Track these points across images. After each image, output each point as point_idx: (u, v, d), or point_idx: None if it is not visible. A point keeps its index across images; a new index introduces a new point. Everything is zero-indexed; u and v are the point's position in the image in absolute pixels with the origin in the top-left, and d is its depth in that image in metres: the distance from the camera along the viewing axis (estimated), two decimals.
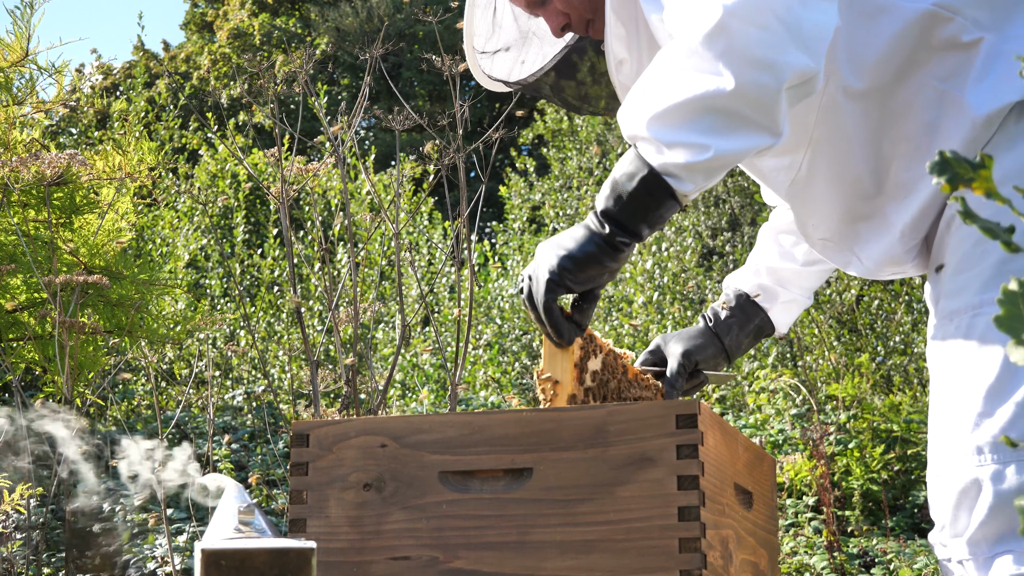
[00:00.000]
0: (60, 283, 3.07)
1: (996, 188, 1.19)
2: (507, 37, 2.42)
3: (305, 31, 19.12)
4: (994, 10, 2.00)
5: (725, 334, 2.47)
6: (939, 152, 1.16)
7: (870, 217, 2.17)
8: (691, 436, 1.83)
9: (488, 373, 9.18)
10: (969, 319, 1.95)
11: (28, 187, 3.51)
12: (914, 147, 2.07)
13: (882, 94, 2.08)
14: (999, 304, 1.16)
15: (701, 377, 2.47)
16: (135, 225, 8.95)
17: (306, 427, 2.01)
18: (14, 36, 3.67)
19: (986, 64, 2.00)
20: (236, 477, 6.45)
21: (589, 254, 1.98)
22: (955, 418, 1.93)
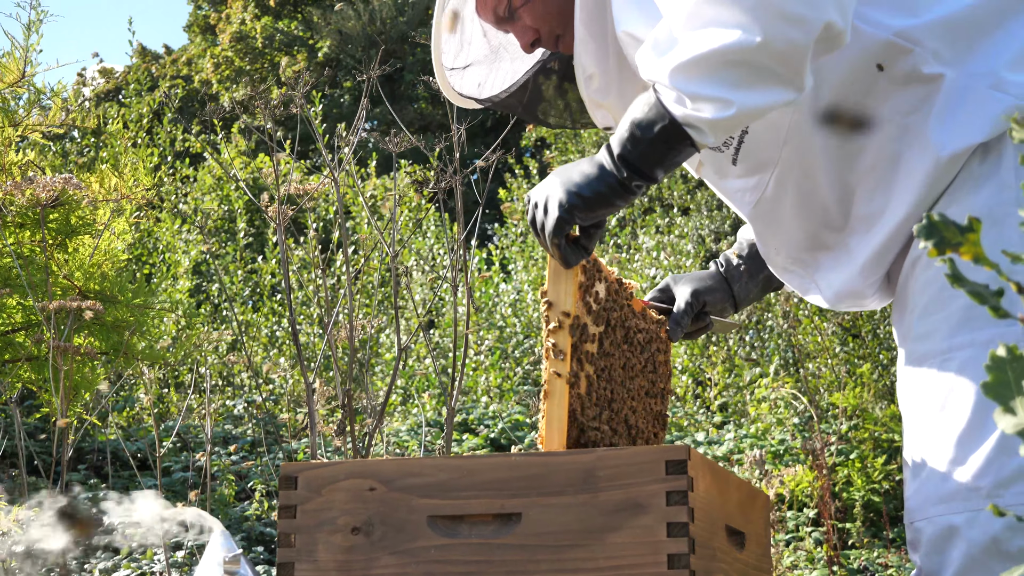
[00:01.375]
0: (54, 308, 3.07)
1: (983, 252, 1.19)
2: (476, 53, 2.41)
3: (307, 34, 19.12)
4: (954, 42, 1.99)
5: (735, 281, 2.46)
6: (926, 215, 1.15)
7: (833, 247, 2.17)
8: (680, 482, 1.82)
9: (489, 380, 9.17)
10: (939, 364, 1.94)
11: (23, 210, 3.50)
12: (876, 179, 2.07)
13: None
14: (987, 370, 1.15)
15: (707, 320, 2.46)
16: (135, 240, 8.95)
17: (295, 469, 2.00)
18: (11, 58, 3.66)
19: (948, 101, 1.98)
20: (236, 487, 6.45)
21: (600, 194, 1.99)
22: (928, 465, 1.93)
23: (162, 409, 8.07)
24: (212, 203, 11.29)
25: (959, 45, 1.99)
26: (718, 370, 8.22)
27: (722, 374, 8.19)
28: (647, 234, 9.93)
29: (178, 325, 6.37)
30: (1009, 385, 1.21)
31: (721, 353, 8.41)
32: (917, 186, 2.00)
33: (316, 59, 18.25)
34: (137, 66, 19.49)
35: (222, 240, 10.89)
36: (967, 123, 1.96)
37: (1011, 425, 1.19)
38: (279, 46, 18.96)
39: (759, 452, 6.06)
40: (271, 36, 19.01)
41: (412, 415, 8.48)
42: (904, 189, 2.03)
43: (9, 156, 3.53)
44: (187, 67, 20.01)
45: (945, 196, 2.00)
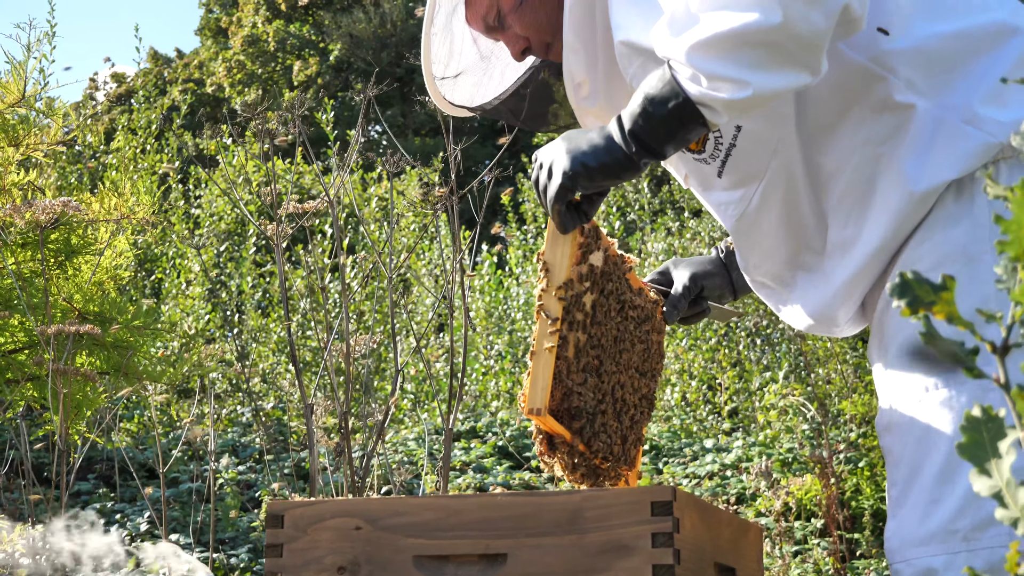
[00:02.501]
0: (52, 333, 3.07)
1: (956, 312, 1.18)
2: (466, 61, 2.41)
3: (319, 37, 19.14)
4: (930, 73, 1.97)
5: (734, 268, 2.45)
6: (900, 274, 1.15)
7: (811, 269, 2.17)
8: (666, 524, 1.81)
9: (499, 384, 9.16)
10: (916, 402, 1.93)
11: (24, 230, 3.51)
12: (850, 206, 2.07)
13: (821, 145, 2.07)
14: (962, 431, 1.14)
15: (704, 306, 2.46)
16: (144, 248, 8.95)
17: (281, 508, 1.99)
18: (11, 78, 3.67)
19: (921, 132, 1.97)
20: (244, 497, 6.45)
21: (606, 165, 1.98)
22: (907, 504, 1.92)
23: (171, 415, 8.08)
24: (225, 206, 11.31)
25: (934, 76, 1.98)
26: (728, 375, 8.20)
27: (732, 378, 8.17)
28: (656, 239, 9.91)
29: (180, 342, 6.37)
30: (984, 446, 1.20)
31: (732, 357, 8.40)
32: (890, 218, 2.00)
33: (327, 62, 18.27)
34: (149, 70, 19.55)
35: (234, 243, 10.90)
36: (940, 159, 1.95)
37: (986, 487, 1.18)
38: (291, 49, 18.98)
39: (766, 463, 6.04)
40: (283, 40, 19.03)
41: (423, 420, 8.47)
42: (877, 219, 2.03)
43: (10, 177, 3.54)
44: (199, 71, 20.04)
45: (920, 231, 1.99)
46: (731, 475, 6.58)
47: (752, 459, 6.64)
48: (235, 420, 8.10)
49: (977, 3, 2.03)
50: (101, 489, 6.48)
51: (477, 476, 6.62)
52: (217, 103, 19.48)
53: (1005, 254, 1.20)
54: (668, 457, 7.09)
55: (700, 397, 8.15)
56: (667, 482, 6.55)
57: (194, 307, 9.25)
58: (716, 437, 7.43)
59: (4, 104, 3.64)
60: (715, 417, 8.02)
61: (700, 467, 6.70)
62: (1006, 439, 1.18)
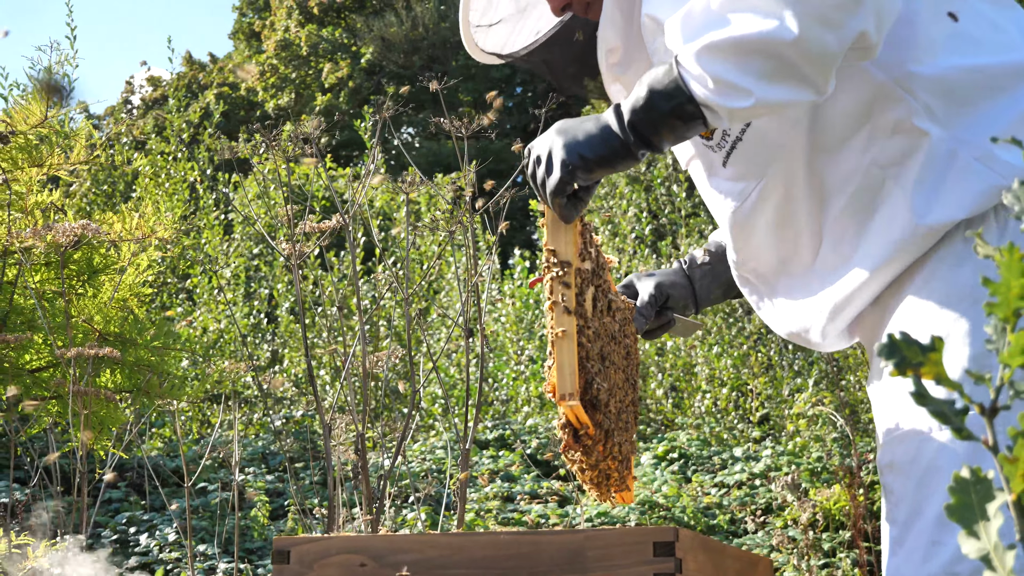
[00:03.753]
0: (72, 356, 3.10)
1: (945, 373, 1.17)
2: (503, 11, 2.40)
3: (351, 40, 19.20)
4: (949, 104, 1.95)
5: (697, 279, 2.45)
6: (888, 335, 1.14)
7: (797, 278, 2.14)
8: (668, 564, 1.80)
9: (529, 390, 9.16)
10: (919, 443, 1.91)
11: (47, 251, 3.54)
12: (844, 227, 2.04)
13: (828, 157, 2.05)
14: (950, 492, 1.13)
15: (669, 316, 2.44)
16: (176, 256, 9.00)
17: (288, 543, 2.00)
18: (34, 101, 3.70)
19: (932, 163, 1.94)
20: (272, 506, 6.48)
21: (603, 157, 1.98)
22: (907, 543, 1.91)
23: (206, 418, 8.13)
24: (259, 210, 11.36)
25: (953, 107, 1.95)
26: (759, 380, 8.17)
27: (763, 384, 8.14)
28: (688, 243, 9.88)
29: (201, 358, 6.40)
30: (972, 508, 1.19)
31: (763, 362, 8.37)
32: (887, 246, 1.97)
33: (359, 65, 18.32)
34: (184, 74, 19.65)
35: (268, 247, 10.94)
36: (950, 195, 1.92)
37: (975, 550, 1.18)
38: (323, 53, 19.04)
39: (794, 474, 6.02)
40: (315, 43, 19.11)
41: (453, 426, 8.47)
42: (873, 244, 2.00)
43: (32, 198, 3.57)
44: (232, 75, 20.14)
45: (928, 265, 1.96)
46: (760, 484, 6.56)
47: (781, 468, 6.61)
48: (266, 426, 8.14)
49: (1006, 41, 2.00)
50: (132, 497, 6.53)
51: (504, 485, 6.62)
52: (251, 107, 19.57)
53: (994, 315, 1.20)
54: (697, 466, 7.07)
55: (730, 404, 8.12)
56: (695, 491, 6.53)
57: (226, 312, 9.31)
58: (746, 445, 7.40)
59: (27, 126, 3.67)
60: (745, 424, 7.99)
61: (729, 476, 6.67)
62: (994, 501, 1.17)
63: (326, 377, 8.84)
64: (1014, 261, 1.14)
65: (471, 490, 6.53)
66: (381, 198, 11.73)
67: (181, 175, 9.13)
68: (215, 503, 6.20)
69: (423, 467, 6.86)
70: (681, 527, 1.98)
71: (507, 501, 6.51)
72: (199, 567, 5.46)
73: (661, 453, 7.16)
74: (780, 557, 5.64)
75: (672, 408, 8.37)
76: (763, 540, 5.82)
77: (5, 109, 3.70)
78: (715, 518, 6.20)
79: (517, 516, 6.13)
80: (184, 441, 7.33)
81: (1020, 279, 1.16)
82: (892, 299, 2.04)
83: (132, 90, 18.98)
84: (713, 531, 6.10)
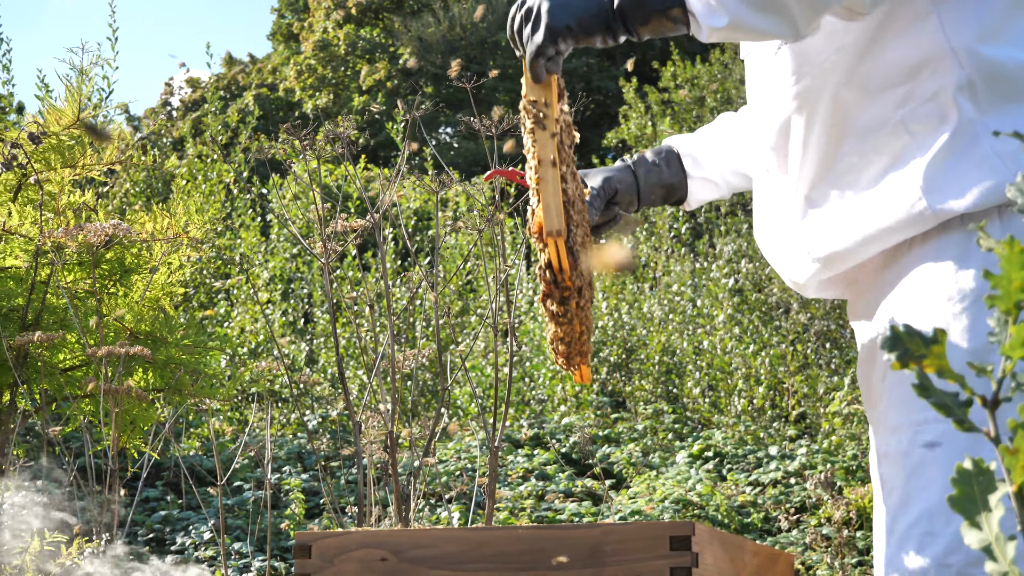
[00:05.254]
0: (103, 355, 3.13)
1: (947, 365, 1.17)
2: None
3: (388, 41, 19.26)
4: (993, 90, 1.90)
5: (642, 174, 2.43)
6: (890, 326, 1.14)
7: (788, 210, 2.12)
8: (684, 558, 1.81)
9: (565, 389, 9.17)
10: (911, 435, 1.90)
11: (78, 251, 3.58)
12: (853, 173, 2.02)
13: (860, 97, 2.02)
14: (953, 484, 1.14)
15: (615, 211, 2.41)
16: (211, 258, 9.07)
17: (309, 538, 2.02)
18: (67, 102, 3.75)
19: (954, 144, 1.92)
20: (307, 505, 6.51)
21: (588, 29, 1.96)
22: (899, 532, 1.90)
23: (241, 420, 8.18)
24: (296, 211, 11.43)
25: (995, 95, 1.92)
26: (796, 379, 8.15)
27: (799, 382, 8.12)
28: (724, 243, 9.86)
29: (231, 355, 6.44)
30: (975, 500, 1.19)
31: (799, 359, 8.34)
32: (887, 213, 1.96)
33: (397, 66, 18.38)
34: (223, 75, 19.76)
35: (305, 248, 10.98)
36: (961, 182, 1.88)
37: (977, 540, 1.18)
38: (361, 53, 19.10)
39: (828, 471, 6.00)
40: (353, 44, 19.17)
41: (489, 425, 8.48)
42: (873, 207, 1.98)
43: (64, 199, 3.61)
44: (271, 75, 20.24)
45: (928, 256, 1.92)
46: (795, 483, 6.54)
47: (816, 467, 6.59)
48: (302, 424, 8.18)
49: None
50: (169, 496, 6.58)
51: (539, 484, 6.63)
52: (289, 107, 19.68)
53: (995, 308, 1.20)
54: (732, 464, 7.05)
55: (767, 402, 8.10)
56: (730, 489, 6.52)
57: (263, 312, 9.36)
58: (782, 444, 7.39)
59: (60, 127, 3.71)
60: (781, 422, 7.97)
61: (764, 474, 6.66)
62: (996, 493, 1.18)
63: (363, 377, 8.88)
64: (1015, 254, 1.14)
65: (506, 488, 6.54)
66: (418, 199, 11.78)
67: (217, 176, 9.20)
68: (251, 502, 6.24)
69: (458, 466, 6.88)
70: (706, 523, 1.98)
71: (541, 500, 6.52)
72: (233, 564, 5.50)
73: (696, 452, 7.15)
74: (814, 555, 5.63)
75: (709, 407, 8.35)
76: (797, 538, 5.80)
77: (39, 110, 3.76)
78: (749, 516, 6.19)
79: (551, 515, 6.14)
80: (221, 440, 7.38)
81: (1021, 272, 1.16)
82: (888, 273, 2.01)
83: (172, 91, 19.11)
84: (747, 529, 6.08)
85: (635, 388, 8.84)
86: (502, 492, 6.42)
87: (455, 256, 10.11)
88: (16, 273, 3.69)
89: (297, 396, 6.94)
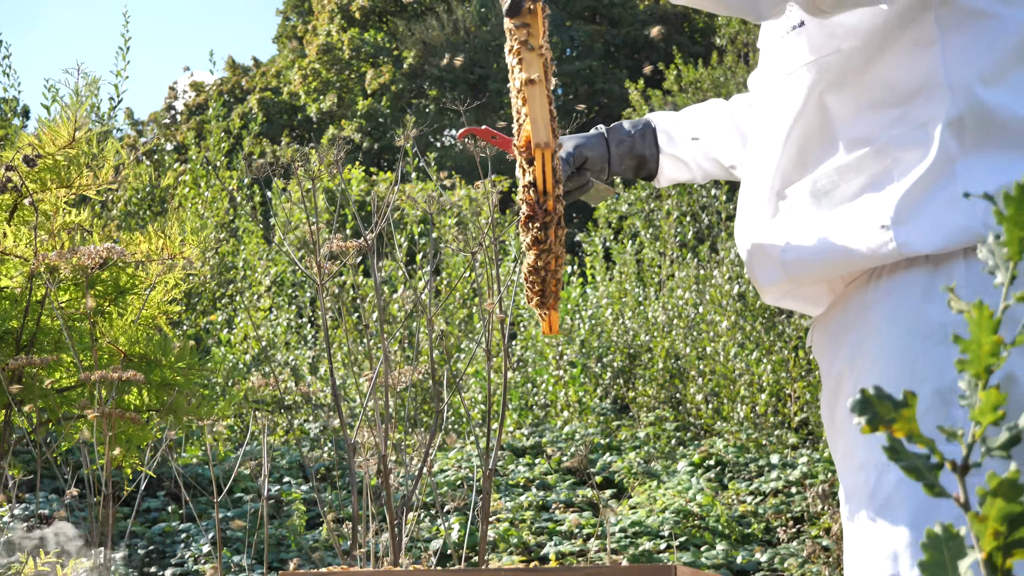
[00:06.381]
0: (96, 379, 3.14)
1: (917, 429, 1.17)
2: None
3: (392, 44, 19.27)
4: (982, 132, 1.86)
5: (615, 143, 2.40)
6: (861, 389, 1.14)
7: (759, 207, 2.10)
8: None
9: (568, 395, 9.17)
10: (877, 476, 1.89)
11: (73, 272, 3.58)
12: (829, 183, 1.99)
13: (851, 107, 1.99)
14: (923, 549, 1.14)
15: (587, 177, 2.37)
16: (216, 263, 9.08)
17: None
18: (62, 123, 3.75)
19: (929, 179, 1.89)
20: (309, 514, 6.52)
21: None
22: (868, 563, 1.89)
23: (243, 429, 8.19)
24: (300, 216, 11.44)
25: (981, 137, 1.87)
26: (798, 385, 8.14)
27: (802, 389, 8.12)
28: (727, 249, 9.85)
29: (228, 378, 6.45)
30: (945, 566, 1.19)
31: (802, 366, 8.34)
32: (853, 236, 1.93)
33: (401, 69, 18.39)
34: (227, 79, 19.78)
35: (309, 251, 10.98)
36: (930, 221, 1.87)
37: None
38: (365, 57, 19.11)
39: (826, 484, 5.99)
40: (357, 47, 19.18)
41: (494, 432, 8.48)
42: (842, 226, 1.96)
43: (58, 220, 3.62)
44: (275, 79, 20.25)
45: (894, 294, 1.91)
46: (796, 492, 6.54)
47: (817, 475, 6.59)
48: (304, 433, 8.19)
49: None
50: (170, 506, 6.59)
51: (539, 494, 6.63)
52: (293, 111, 19.69)
53: (965, 372, 1.19)
54: (733, 473, 7.05)
55: (769, 409, 8.10)
56: (731, 499, 6.52)
57: (266, 319, 9.38)
58: (784, 452, 7.38)
59: (55, 147, 3.72)
60: (784, 430, 7.97)
61: (765, 483, 6.66)
62: (966, 559, 1.17)
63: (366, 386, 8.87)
64: (984, 319, 1.14)
65: (506, 499, 6.54)
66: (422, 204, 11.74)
67: (220, 184, 9.21)
68: (250, 514, 6.25)
69: (458, 475, 6.88)
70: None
71: (542, 510, 6.53)
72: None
73: (698, 460, 7.15)
74: (813, 568, 5.63)
75: (711, 413, 8.35)
76: (797, 549, 5.80)
77: (36, 129, 3.77)
78: (750, 527, 6.19)
79: (551, 526, 6.15)
80: (225, 449, 7.39)
81: (991, 337, 1.15)
82: (853, 304, 1.99)
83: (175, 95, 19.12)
84: (748, 540, 6.08)
85: (639, 394, 8.85)
86: (502, 503, 6.42)
87: (458, 264, 10.11)
88: (11, 294, 3.70)
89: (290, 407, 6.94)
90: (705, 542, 5.93)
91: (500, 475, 7.13)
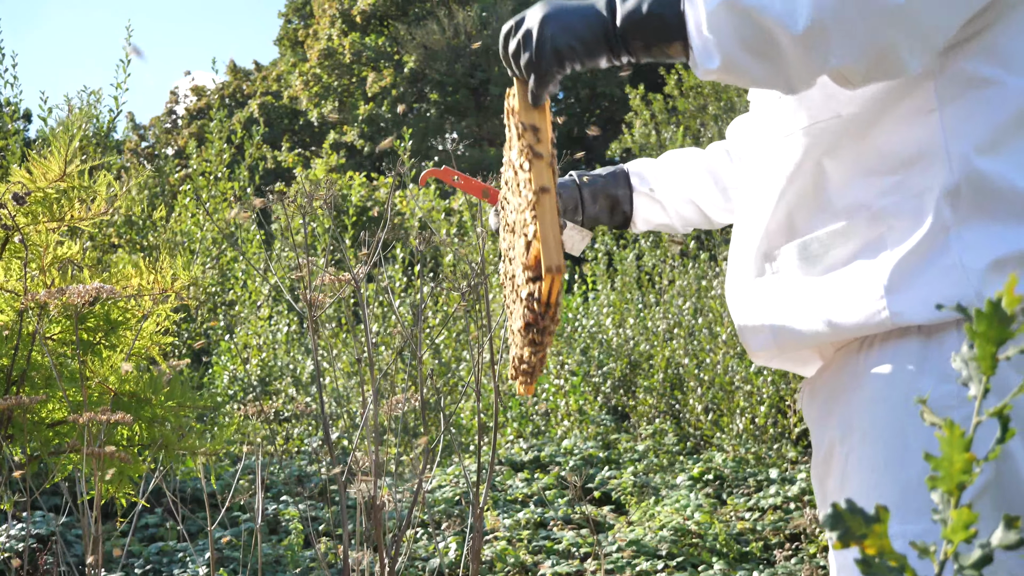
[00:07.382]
0: (85, 420, 3.14)
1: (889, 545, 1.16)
2: None
3: (393, 48, 19.25)
4: (978, 201, 1.83)
5: (586, 186, 2.41)
6: (832, 504, 1.14)
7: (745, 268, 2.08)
8: None
9: (569, 404, 9.16)
10: (845, 455, 1.89)
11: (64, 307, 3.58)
12: (819, 247, 1.97)
13: (847, 172, 1.96)
14: None
15: (561, 221, 2.38)
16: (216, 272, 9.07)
17: None
18: (52, 157, 3.75)
19: (923, 249, 1.87)
20: (304, 530, 6.50)
21: (592, 53, 1.90)
22: None
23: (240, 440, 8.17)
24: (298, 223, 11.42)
25: (978, 206, 1.84)
26: (798, 397, 8.12)
27: None
28: (724, 259, 9.83)
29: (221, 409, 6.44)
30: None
31: (801, 377, 8.31)
32: (844, 305, 1.91)
33: (402, 73, 18.38)
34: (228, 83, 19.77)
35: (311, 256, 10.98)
36: (923, 289, 1.85)
37: None
38: (366, 61, 19.10)
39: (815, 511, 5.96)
40: (358, 52, 19.17)
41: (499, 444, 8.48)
42: (832, 293, 1.93)
43: (48, 255, 3.61)
44: (276, 83, 20.23)
45: (890, 364, 1.89)
46: (794, 507, 6.52)
47: None
48: (302, 450, 8.18)
49: None
50: (168, 523, 6.58)
51: (538, 511, 6.62)
52: (294, 115, 19.68)
53: (938, 489, 1.19)
54: (732, 487, 7.04)
55: (769, 421, 8.08)
56: (729, 516, 6.51)
57: (265, 327, 9.37)
58: (783, 466, 7.37)
59: (46, 182, 3.72)
60: (783, 442, 7.96)
61: (764, 499, 6.64)
62: None
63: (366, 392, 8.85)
64: (956, 437, 1.13)
65: (503, 515, 6.53)
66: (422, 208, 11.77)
67: (220, 195, 9.21)
68: (246, 533, 6.24)
69: (456, 491, 6.87)
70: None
71: (540, 527, 6.51)
72: None
73: (697, 474, 7.14)
74: None
75: (711, 425, 8.34)
76: (795, 568, 5.78)
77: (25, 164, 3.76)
78: (748, 545, 6.18)
79: (549, 544, 6.13)
80: (221, 464, 7.38)
81: (962, 455, 1.15)
82: (845, 372, 1.98)
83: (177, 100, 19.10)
84: (746, 559, 6.07)
85: (639, 403, 8.84)
86: (500, 521, 6.41)
87: (459, 269, 10.09)
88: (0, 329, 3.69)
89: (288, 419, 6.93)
90: (703, 561, 5.92)
91: (498, 490, 7.11)
